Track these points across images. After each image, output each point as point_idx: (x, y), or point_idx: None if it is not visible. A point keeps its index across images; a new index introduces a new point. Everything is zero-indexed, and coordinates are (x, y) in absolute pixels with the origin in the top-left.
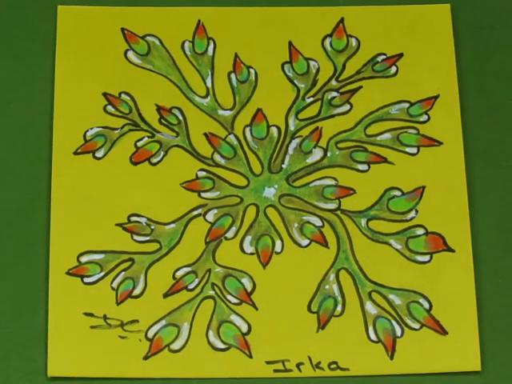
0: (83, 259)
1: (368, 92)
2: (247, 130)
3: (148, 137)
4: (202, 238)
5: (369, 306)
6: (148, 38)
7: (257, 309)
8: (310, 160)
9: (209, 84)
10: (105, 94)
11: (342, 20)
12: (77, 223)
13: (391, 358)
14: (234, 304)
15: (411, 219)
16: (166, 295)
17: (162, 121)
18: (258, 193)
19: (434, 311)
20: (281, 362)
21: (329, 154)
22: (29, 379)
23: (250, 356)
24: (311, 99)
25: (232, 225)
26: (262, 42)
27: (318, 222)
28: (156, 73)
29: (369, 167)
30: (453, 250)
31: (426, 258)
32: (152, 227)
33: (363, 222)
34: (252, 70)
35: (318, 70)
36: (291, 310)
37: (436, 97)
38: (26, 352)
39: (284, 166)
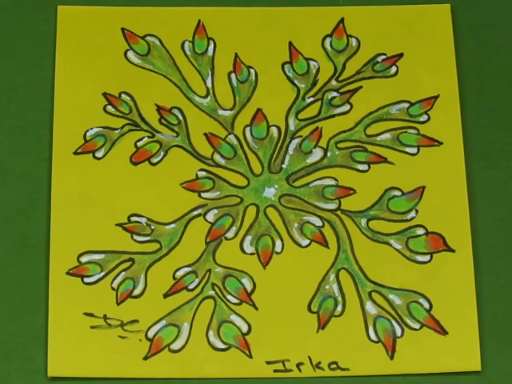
0: (83, 259)
1: (368, 92)
2: (247, 130)
3: (148, 137)
4: (202, 238)
5: (369, 306)
6: (148, 38)
7: (257, 309)
8: (310, 160)
9: (209, 84)
10: (105, 94)
11: (342, 20)
12: (77, 223)
13: (391, 358)
14: (234, 304)
15: (411, 219)
16: (166, 295)
17: (162, 121)
18: (258, 193)
19: (434, 311)
20: (281, 362)
21: (329, 154)
22: (29, 379)
23: (250, 356)
24: (311, 99)
25: (232, 225)
26: (262, 41)
27: (318, 222)
28: (156, 73)
29: (369, 167)
30: (453, 250)
31: (426, 257)
32: (152, 227)
33: (363, 221)
34: (252, 70)
35: (318, 70)
36: (291, 310)
37: (436, 97)
38: (25, 352)
39: (284, 166)
